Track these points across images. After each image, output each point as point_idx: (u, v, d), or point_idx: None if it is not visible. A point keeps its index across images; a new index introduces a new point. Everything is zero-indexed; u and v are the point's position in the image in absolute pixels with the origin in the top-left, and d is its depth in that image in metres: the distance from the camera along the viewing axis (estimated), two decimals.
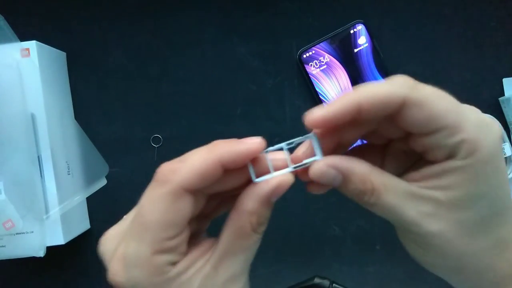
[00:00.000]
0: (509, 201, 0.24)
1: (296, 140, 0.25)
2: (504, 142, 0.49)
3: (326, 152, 0.25)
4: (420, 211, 0.23)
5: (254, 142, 0.24)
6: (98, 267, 0.52)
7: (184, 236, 0.24)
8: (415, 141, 0.24)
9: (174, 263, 0.24)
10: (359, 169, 0.24)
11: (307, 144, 0.26)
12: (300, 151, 0.26)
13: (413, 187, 0.24)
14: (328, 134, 0.25)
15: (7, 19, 0.43)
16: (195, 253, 0.25)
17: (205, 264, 0.25)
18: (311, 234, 0.52)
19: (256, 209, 0.25)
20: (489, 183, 0.23)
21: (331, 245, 0.52)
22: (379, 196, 0.24)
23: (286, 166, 0.25)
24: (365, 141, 0.28)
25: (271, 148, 0.25)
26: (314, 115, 0.24)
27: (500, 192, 0.24)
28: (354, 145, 0.28)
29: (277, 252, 0.52)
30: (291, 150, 0.26)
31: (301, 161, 0.25)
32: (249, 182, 0.25)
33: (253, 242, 0.26)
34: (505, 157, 0.49)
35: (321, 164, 0.24)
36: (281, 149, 0.25)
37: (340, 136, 0.25)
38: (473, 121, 0.23)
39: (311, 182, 0.26)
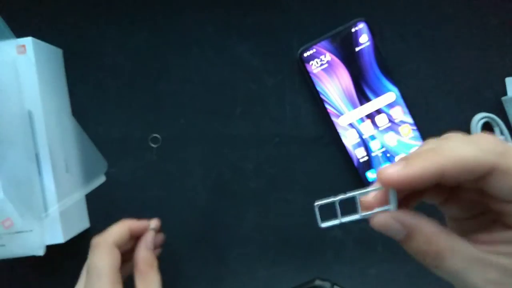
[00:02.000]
0: None
1: (371, 189, 0.24)
2: (507, 142, 0.49)
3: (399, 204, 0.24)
4: (486, 279, 0.22)
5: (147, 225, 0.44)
6: None
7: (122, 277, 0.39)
8: (495, 203, 0.23)
9: None
10: (426, 229, 0.23)
11: (379, 193, 0.25)
12: (370, 196, 0.25)
13: (481, 253, 0.23)
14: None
15: (2, 15, 0.43)
16: None
17: None
18: (312, 235, 0.52)
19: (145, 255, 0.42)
20: None
21: (332, 246, 0.52)
22: (442, 261, 0.23)
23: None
24: None
25: (341, 197, 0.25)
26: (390, 173, 0.23)
27: None
28: None
29: (277, 254, 0.52)
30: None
31: (372, 207, 0.24)
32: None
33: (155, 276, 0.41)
34: None
35: (386, 216, 0.23)
36: (353, 197, 0.25)
37: (411, 193, 0.25)
38: None
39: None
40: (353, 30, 0.49)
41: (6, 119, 0.43)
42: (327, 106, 0.50)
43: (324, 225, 0.25)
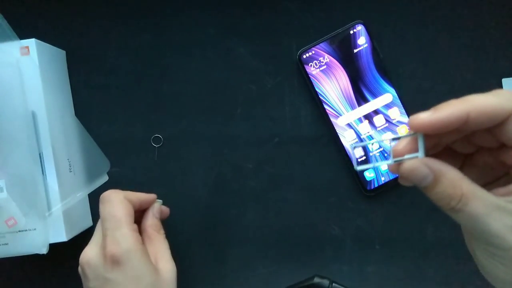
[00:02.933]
0: None
1: (403, 136, 0.26)
2: None
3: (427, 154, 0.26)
4: (506, 224, 0.24)
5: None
6: None
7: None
8: (509, 154, 0.25)
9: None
10: (452, 174, 0.25)
11: (408, 140, 0.26)
12: (401, 145, 0.26)
13: (501, 201, 0.24)
14: (430, 137, 0.26)
15: (6, 17, 0.44)
16: None
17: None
18: (311, 233, 0.52)
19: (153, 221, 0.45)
20: None
21: (331, 244, 0.53)
22: (467, 203, 0.24)
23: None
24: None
25: (374, 140, 0.27)
26: (420, 119, 0.25)
27: None
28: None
29: (277, 251, 0.53)
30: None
31: (403, 155, 0.26)
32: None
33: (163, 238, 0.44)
34: None
35: (417, 162, 0.25)
36: (381, 143, 0.26)
37: (438, 139, 0.26)
38: None
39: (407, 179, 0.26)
40: (351, 32, 0.50)
41: (10, 120, 0.44)
42: (325, 106, 0.50)
43: (360, 168, 0.27)
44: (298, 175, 0.52)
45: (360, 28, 0.50)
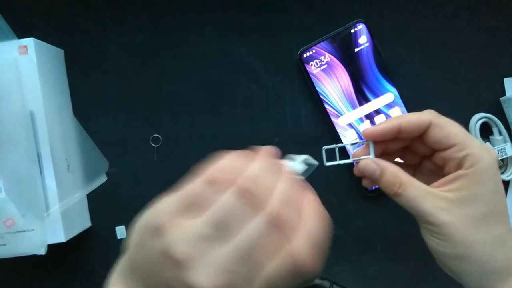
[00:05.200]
0: (503, 206, 0.32)
1: (357, 141, 0.38)
2: (506, 143, 0.49)
3: (377, 156, 0.36)
4: (436, 205, 0.32)
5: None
6: (99, 264, 0.52)
7: None
8: (437, 156, 0.34)
9: None
10: (393, 168, 0.34)
11: (363, 146, 0.36)
12: (358, 150, 0.37)
13: (432, 189, 0.33)
14: (377, 143, 0.36)
15: (4, 16, 0.44)
16: None
17: None
18: None
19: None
20: (486, 188, 0.31)
21: (331, 245, 0.52)
22: (405, 188, 0.33)
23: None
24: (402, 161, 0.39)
25: (340, 145, 0.38)
26: (370, 129, 0.35)
27: (494, 196, 0.32)
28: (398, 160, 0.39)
29: None
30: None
31: (359, 156, 0.36)
32: None
33: None
34: (507, 157, 0.49)
35: (368, 160, 0.35)
36: (345, 146, 0.38)
37: (385, 146, 0.36)
38: (476, 144, 0.32)
39: (364, 177, 0.36)
40: (352, 31, 0.50)
41: (8, 119, 0.44)
42: (326, 106, 0.50)
43: (328, 163, 0.37)
44: None
45: (361, 27, 0.50)
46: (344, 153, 0.38)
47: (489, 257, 0.31)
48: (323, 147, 0.37)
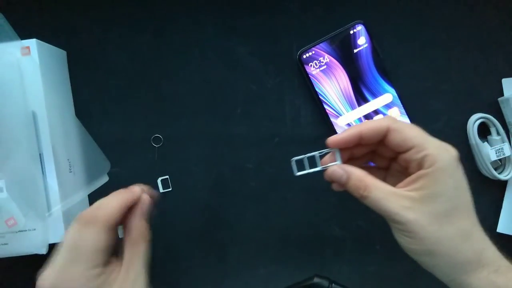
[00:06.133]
0: (466, 201, 0.34)
1: (324, 151, 0.38)
2: (503, 142, 0.49)
3: (344, 162, 0.37)
4: (401, 205, 0.33)
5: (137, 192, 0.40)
6: None
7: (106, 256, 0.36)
8: (400, 158, 0.36)
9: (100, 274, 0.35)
10: (358, 172, 0.36)
11: (330, 153, 0.38)
12: (326, 157, 0.38)
13: (396, 189, 0.34)
14: (343, 150, 0.38)
15: (7, 17, 0.44)
16: (112, 265, 0.37)
17: (120, 270, 0.37)
18: (311, 234, 0.52)
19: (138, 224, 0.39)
20: (446, 185, 0.33)
21: (331, 245, 0.53)
22: (371, 190, 0.34)
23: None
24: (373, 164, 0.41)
25: (308, 154, 0.38)
26: (334, 138, 0.36)
27: (455, 192, 0.33)
28: (370, 164, 0.42)
29: (277, 251, 0.53)
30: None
31: (327, 163, 0.38)
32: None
33: (145, 248, 0.38)
34: (505, 157, 0.49)
35: (335, 166, 0.37)
36: (313, 155, 0.38)
37: (351, 152, 0.38)
38: (434, 144, 0.34)
39: (333, 182, 0.38)
40: (351, 32, 0.50)
41: (10, 120, 0.44)
42: (326, 106, 0.50)
43: (298, 173, 0.38)
44: None
45: (360, 28, 0.50)
46: (313, 162, 0.38)
47: (456, 251, 0.33)
48: (292, 159, 0.39)
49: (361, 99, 0.50)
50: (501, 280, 0.32)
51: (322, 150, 0.38)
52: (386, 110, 0.50)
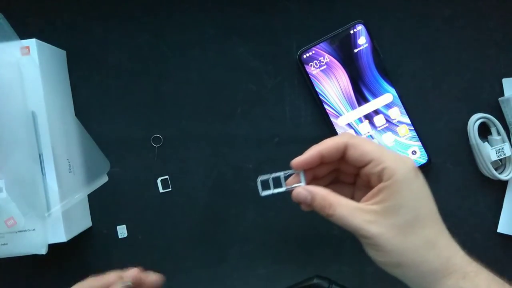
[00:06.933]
0: (428, 210, 0.34)
1: (289, 172, 0.38)
2: (504, 142, 0.49)
3: (309, 182, 0.38)
4: (365, 219, 0.33)
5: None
6: (100, 264, 0.52)
7: None
8: (362, 173, 0.36)
9: None
10: (321, 192, 0.36)
11: (295, 175, 0.39)
12: (291, 179, 0.39)
13: (360, 204, 0.34)
14: (307, 170, 0.38)
15: (7, 17, 0.44)
16: None
17: None
18: (311, 234, 0.52)
19: None
20: (406, 196, 0.33)
21: (331, 245, 0.52)
22: (335, 208, 0.34)
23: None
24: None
25: (274, 175, 0.39)
26: (296, 161, 0.37)
27: (416, 202, 0.33)
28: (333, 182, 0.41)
29: (277, 252, 0.53)
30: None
31: (292, 184, 0.38)
32: None
33: None
34: (505, 157, 0.49)
35: (299, 188, 0.37)
36: (279, 176, 0.39)
37: (314, 172, 0.38)
38: (391, 157, 0.34)
39: (299, 203, 0.37)
40: (351, 32, 0.50)
41: (10, 120, 0.44)
42: (326, 106, 0.50)
43: (264, 194, 0.39)
44: None
45: (360, 28, 0.50)
46: (279, 182, 0.39)
47: (422, 260, 0.33)
48: (258, 179, 0.39)
49: (361, 99, 0.50)
50: (468, 286, 0.32)
51: (287, 171, 0.38)
52: (387, 110, 0.50)
